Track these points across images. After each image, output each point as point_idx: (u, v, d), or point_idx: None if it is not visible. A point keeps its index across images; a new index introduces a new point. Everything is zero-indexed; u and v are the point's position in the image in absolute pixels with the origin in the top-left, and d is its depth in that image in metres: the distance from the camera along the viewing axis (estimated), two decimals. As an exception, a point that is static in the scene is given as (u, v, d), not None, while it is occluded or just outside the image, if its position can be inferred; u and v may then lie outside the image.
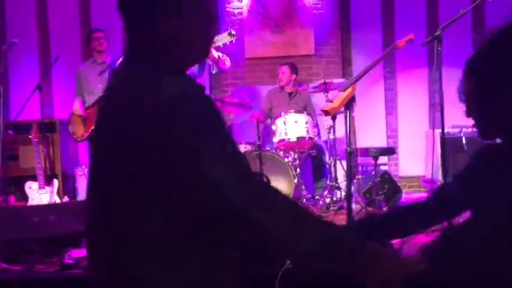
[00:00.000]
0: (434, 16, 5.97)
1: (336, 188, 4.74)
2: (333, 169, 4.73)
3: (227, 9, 6.17)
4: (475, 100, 1.37)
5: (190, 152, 1.06)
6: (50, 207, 3.77)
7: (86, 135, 4.99)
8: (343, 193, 4.74)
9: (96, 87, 5.02)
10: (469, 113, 1.42)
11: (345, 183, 3.99)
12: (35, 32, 6.30)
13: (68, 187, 5.54)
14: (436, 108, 3.83)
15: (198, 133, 1.06)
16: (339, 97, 3.46)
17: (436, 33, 3.33)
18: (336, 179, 4.72)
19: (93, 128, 4.93)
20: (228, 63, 4.44)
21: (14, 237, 3.15)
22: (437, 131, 4.98)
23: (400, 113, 6.04)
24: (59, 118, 5.79)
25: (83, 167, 5.45)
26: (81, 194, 5.37)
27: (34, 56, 6.28)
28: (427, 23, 5.95)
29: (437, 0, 5.98)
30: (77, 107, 5.02)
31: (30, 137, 4.81)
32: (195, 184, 1.06)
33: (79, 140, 5.14)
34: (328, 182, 4.79)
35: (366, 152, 4.44)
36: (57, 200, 4.82)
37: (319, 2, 6.10)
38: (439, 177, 5.05)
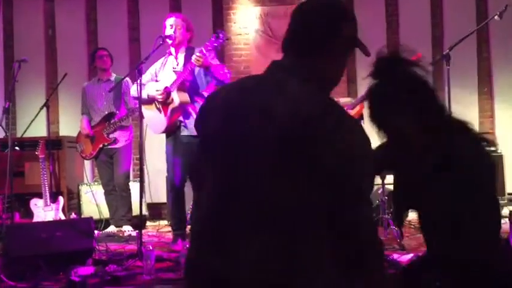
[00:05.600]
0: (439, 33, 6.02)
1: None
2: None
3: (233, 28, 6.23)
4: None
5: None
6: (57, 224, 3.76)
7: (94, 154, 4.98)
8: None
9: (102, 104, 5.03)
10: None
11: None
12: (42, 50, 6.36)
13: (72, 204, 5.52)
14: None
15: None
16: (347, 115, 3.49)
17: (444, 52, 3.35)
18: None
19: (101, 146, 4.93)
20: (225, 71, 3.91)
21: (22, 254, 3.13)
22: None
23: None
24: (64, 135, 5.81)
25: (89, 184, 5.44)
26: (86, 211, 5.35)
27: (41, 73, 6.33)
28: (432, 40, 6.00)
29: (442, 16, 6.04)
30: (84, 126, 5.02)
31: (36, 153, 4.81)
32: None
33: (87, 158, 5.14)
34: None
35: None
36: (63, 217, 4.79)
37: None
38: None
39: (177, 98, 3.92)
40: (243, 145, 1.30)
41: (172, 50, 4.12)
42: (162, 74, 4.13)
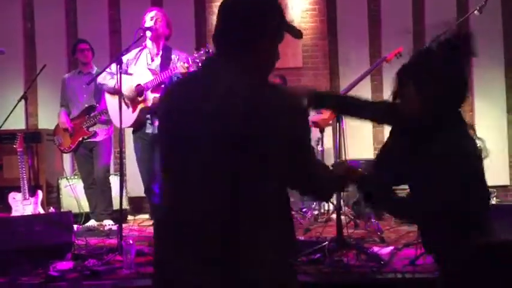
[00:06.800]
0: (421, 27, 6.06)
1: (323, 200, 4.72)
2: (321, 181, 4.71)
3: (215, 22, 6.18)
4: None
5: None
6: (35, 218, 3.71)
7: (73, 147, 4.92)
8: (331, 205, 4.74)
9: (82, 97, 4.96)
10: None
11: (333, 195, 3.96)
12: (21, 41, 6.25)
13: (51, 198, 5.45)
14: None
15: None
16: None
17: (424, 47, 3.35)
18: (323, 191, 4.70)
19: (80, 139, 4.86)
20: None
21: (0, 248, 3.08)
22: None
23: (387, 126, 6.08)
24: (43, 128, 5.72)
25: (68, 177, 5.38)
26: (66, 205, 5.29)
27: (19, 64, 6.22)
28: (413, 34, 6.04)
29: (424, 11, 6.08)
30: (63, 120, 4.93)
31: (14, 146, 4.74)
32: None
33: (66, 151, 5.07)
34: (316, 194, 4.77)
35: (355, 164, 4.44)
36: (41, 211, 4.73)
37: (307, 15, 6.15)
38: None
39: (150, 98, 3.90)
40: (181, 142, 1.39)
41: (149, 43, 4.05)
42: (134, 68, 4.03)
